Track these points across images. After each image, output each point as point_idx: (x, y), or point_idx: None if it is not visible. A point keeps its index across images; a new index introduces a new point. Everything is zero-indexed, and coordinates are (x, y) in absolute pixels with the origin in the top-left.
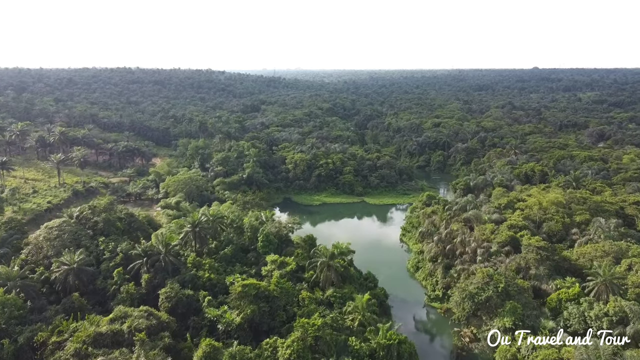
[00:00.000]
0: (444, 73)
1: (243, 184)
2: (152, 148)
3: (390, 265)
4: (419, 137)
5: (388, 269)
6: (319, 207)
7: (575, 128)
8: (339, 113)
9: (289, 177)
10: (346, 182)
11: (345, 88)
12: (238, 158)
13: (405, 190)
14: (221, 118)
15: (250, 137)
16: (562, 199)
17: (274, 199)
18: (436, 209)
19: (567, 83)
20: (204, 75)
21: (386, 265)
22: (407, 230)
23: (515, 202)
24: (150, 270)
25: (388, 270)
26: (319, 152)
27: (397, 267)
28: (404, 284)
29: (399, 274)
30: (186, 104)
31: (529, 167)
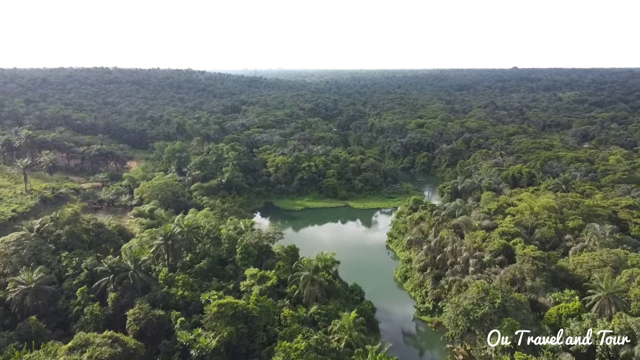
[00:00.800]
0: (425, 73)
1: (222, 188)
2: (128, 151)
3: (377, 275)
4: (402, 138)
5: (375, 278)
6: (301, 212)
7: (558, 128)
8: (321, 113)
9: (270, 180)
10: (329, 185)
11: (327, 88)
12: (217, 161)
13: (390, 193)
14: (200, 119)
15: (230, 139)
16: (554, 204)
17: (254, 204)
18: (424, 215)
19: (547, 83)
20: (184, 75)
21: (372, 274)
22: (393, 236)
23: (505, 207)
24: (118, 289)
25: (375, 280)
26: (301, 154)
27: (384, 277)
28: (392, 295)
29: (387, 284)
30: (165, 104)
31: (516, 169)
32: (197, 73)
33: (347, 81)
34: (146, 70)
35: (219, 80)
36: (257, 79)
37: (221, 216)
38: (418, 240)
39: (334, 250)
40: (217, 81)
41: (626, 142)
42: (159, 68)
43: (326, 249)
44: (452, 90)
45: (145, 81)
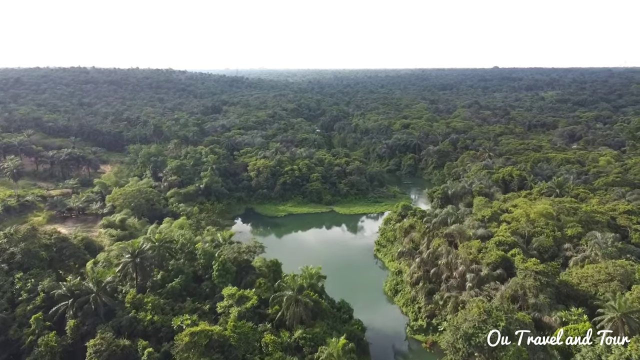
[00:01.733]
0: (407, 72)
1: (200, 194)
2: (103, 154)
3: (366, 288)
4: (388, 140)
5: (363, 292)
6: (284, 219)
7: (544, 128)
8: (304, 114)
9: (252, 185)
10: (313, 190)
11: (310, 88)
12: (195, 165)
13: (377, 197)
14: (179, 120)
15: (210, 142)
16: (552, 211)
17: (235, 210)
18: (414, 223)
19: (529, 82)
20: (164, 75)
21: (361, 287)
22: (381, 245)
23: (500, 214)
24: (78, 315)
25: (363, 293)
26: (284, 157)
27: (374, 290)
28: (382, 310)
29: (376, 297)
30: (143, 105)
31: (507, 171)
32: (178, 73)
33: (329, 81)
34: (125, 70)
35: (199, 80)
36: (238, 78)
37: (197, 227)
38: (409, 251)
39: (319, 261)
40: (197, 81)
41: (614, 143)
42: (138, 68)
43: (311, 260)
44: (435, 89)
45: (124, 81)
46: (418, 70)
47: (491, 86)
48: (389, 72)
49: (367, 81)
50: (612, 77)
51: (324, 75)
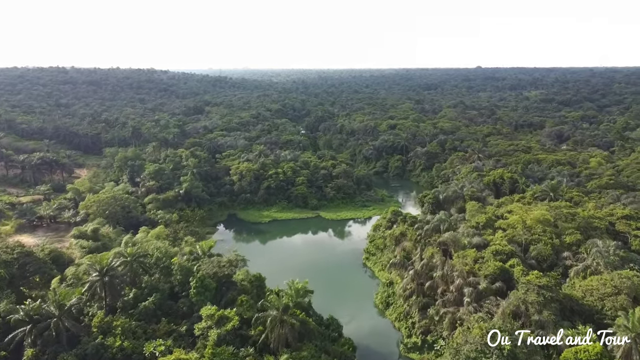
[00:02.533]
0: (391, 72)
1: (180, 200)
2: (79, 158)
3: (355, 300)
4: (374, 141)
5: (352, 304)
6: (268, 225)
7: (531, 128)
8: (288, 114)
9: (234, 190)
10: (299, 194)
11: (295, 88)
12: (175, 170)
13: (364, 201)
14: (159, 122)
15: (191, 144)
16: (549, 217)
17: (216, 217)
18: (404, 230)
19: (512, 82)
20: (145, 75)
21: (350, 299)
22: (371, 253)
23: (494, 220)
24: (38, 342)
25: (353, 306)
26: (268, 160)
27: (364, 302)
28: (374, 326)
29: (367, 311)
30: (123, 105)
31: (497, 174)
32: (160, 73)
33: (314, 81)
34: (105, 69)
35: (182, 80)
36: (222, 78)
37: (174, 238)
38: (401, 262)
39: (305, 271)
40: (180, 81)
41: (602, 143)
42: (118, 67)
43: (297, 270)
44: (419, 89)
45: (104, 81)
46: (402, 70)
47: (475, 86)
48: (373, 72)
49: (352, 81)
50: (593, 77)
51: (308, 75)
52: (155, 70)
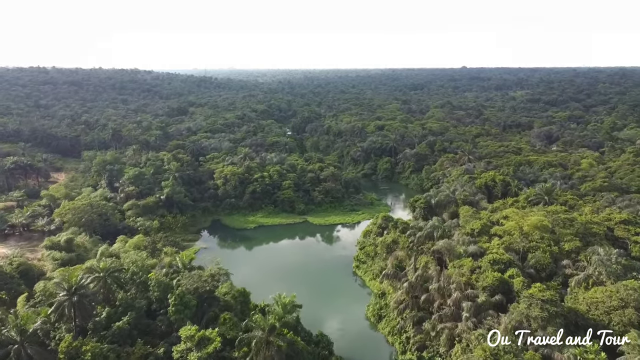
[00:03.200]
0: (377, 72)
1: (161, 206)
2: (57, 161)
3: (346, 312)
4: (362, 142)
5: (343, 317)
6: (254, 231)
7: (519, 129)
8: (274, 115)
9: (218, 194)
10: (286, 199)
11: (281, 88)
12: (156, 174)
13: (353, 205)
14: (141, 123)
15: (174, 146)
16: (547, 223)
17: (200, 223)
18: (396, 237)
19: (498, 82)
20: (128, 75)
21: (340, 311)
22: (361, 260)
23: (490, 226)
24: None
25: (343, 319)
26: (253, 164)
27: (354, 314)
28: (366, 341)
29: (358, 324)
30: (105, 106)
31: (489, 176)
32: (143, 73)
33: (300, 81)
34: (87, 70)
35: (166, 81)
36: (207, 79)
37: (153, 249)
38: (394, 273)
39: (292, 281)
40: (164, 81)
41: (592, 144)
42: (101, 68)
43: (284, 281)
44: (406, 89)
45: (85, 82)
46: (388, 70)
47: (461, 86)
48: (359, 72)
49: (338, 81)
50: (577, 77)
51: (294, 75)
52: (139, 70)
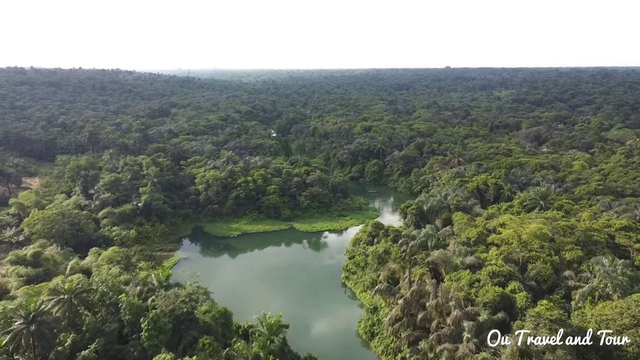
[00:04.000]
0: (362, 72)
1: (138, 214)
2: (31, 166)
3: (335, 328)
4: (349, 144)
5: (333, 334)
6: (237, 240)
7: (507, 129)
8: (259, 116)
9: (200, 201)
10: (271, 204)
11: (265, 88)
12: (133, 179)
13: (341, 210)
14: (121, 125)
15: (154, 150)
16: (547, 231)
17: (180, 231)
18: (388, 247)
19: (482, 82)
20: (109, 76)
21: (329, 327)
22: (350, 271)
23: (487, 234)
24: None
25: (333, 337)
26: (237, 168)
27: (345, 331)
28: None
29: (349, 342)
30: (84, 108)
31: (481, 180)
32: (125, 73)
33: (285, 81)
34: (67, 70)
35: (148, 81)
36: (190, 79)
37: (126, 265)
38: (388, 289)
39: (278, 294)
40: (146, 82)
41: (581, 145)
42: (81, 68)
43: (269, 294)
44: (391, 90)
45: (65, 82)
46: (373, 70)
47: (446, 86)
48: (344, 72)
49: (323, 81)
50: (560, 77)
51: (278, 75)
52: (120, 70)
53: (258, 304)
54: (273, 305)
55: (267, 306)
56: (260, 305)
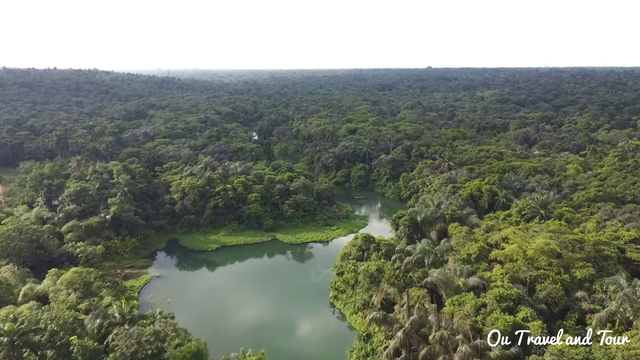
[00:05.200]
0: (344, 72)
1: (107, 227)
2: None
3: (324, 357)
4: (334, 147)
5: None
6: (216, 253)
7: (494, 130)
8: (240, 118)
9: (175, 210)
10: (252, 214)
11: (247, 89)
12: (102, 188)
13: (327, 219)
14: (94, 128)
15: (127, 155)
16: (555, 246)
17: (153, 244)
18: (381, 265)
19: (464, 82)
20: (85, 76)
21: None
22: (339, 290)
23: (488, 250)
24: None
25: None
26: (215, 175)
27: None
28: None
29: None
30: (57, 110)
31: (474, 186)
32: (102, 73)
33: (266, 81)
34: (41, 70)
35: (126, 81)
36: (169, 79)
37: (85, 293)
38: (383, 318)
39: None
40: (124, 82)
41: (571, 147)
42: (56, 68)
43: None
44: (374, 90)
45: (38, 83)
46: (355, 70)
47: (428, 86)
48: (326, 73)
49: (305, 81)
50: (541, 77)
51: (260, 75)
52: (97, 70)
53: (237, 331)
54: (254, 334)
55: (248, 334)
56: (240, 332)
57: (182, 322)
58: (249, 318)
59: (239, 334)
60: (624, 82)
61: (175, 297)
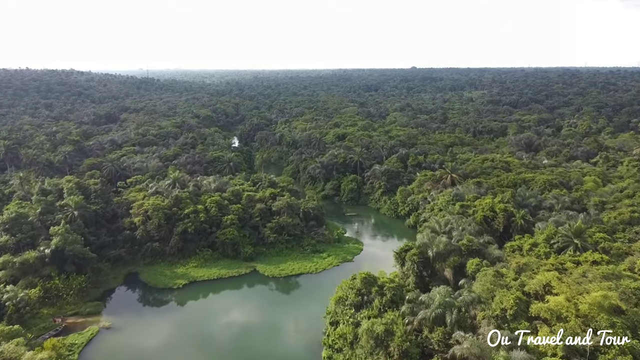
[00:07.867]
0: (328, 73)
1: (47, 264)
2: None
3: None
4: (322, 155)
5: None
6: (184, 292)
7: (492, 135)
8: (220, 121)
9: (136, 237)
10: (227, 240)
11: (228, 90)
12: (46, 213)
13: (316, 245)
14: (56, 135)
15: (88, 167)
16: (617, 300)
17: (108, 281)
18: (389, 323)
19: (451, 82)
20: (58, 77)
21: None
22: (334, 348)
23: (526, 301)
24: None
25: None
26: (184, 193)
27: None
28: None
29: None
30: (22, 113)
31: (487, 205)
32: (76, 74)
33: (249, 82)
34: (11, 70)
35: (102, 82)
36: (148, 80)
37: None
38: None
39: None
40: (99, 83)
41: (580, 154)
42: (28, 68)
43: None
44: (360, 91)
45: (5, 84)
46: (339, 70)
47: (414, 86)
48: (310, 73)
49: (289, 82)
50: (528, 77)
51: (243, 76)
52: (72, 71)
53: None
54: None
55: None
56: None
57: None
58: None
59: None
60: (614, 82)
61: (128, 357)
